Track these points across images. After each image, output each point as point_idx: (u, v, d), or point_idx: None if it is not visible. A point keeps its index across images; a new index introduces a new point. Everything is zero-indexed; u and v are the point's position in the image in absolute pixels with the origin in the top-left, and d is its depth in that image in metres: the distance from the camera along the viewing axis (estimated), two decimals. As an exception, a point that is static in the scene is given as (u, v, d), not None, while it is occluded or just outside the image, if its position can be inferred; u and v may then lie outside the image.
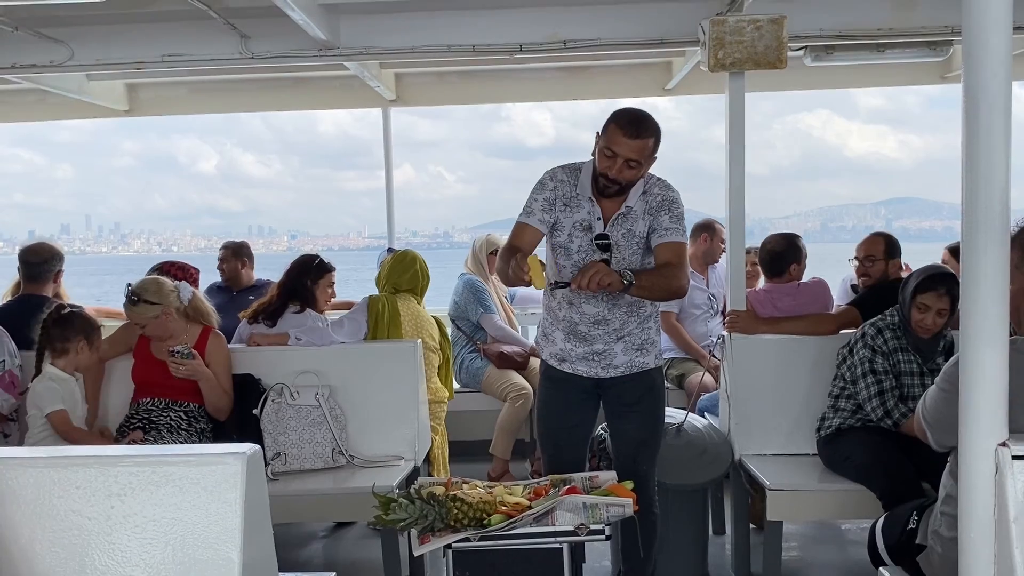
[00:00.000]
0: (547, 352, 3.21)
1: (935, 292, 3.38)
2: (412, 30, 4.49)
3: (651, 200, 3.01)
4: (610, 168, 2.90)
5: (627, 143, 2.87)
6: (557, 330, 3.15)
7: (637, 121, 2.89)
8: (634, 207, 3.00)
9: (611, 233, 3.00)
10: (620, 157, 2.88)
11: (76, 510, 1.82)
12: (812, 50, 4.75)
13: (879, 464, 3.36)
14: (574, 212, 3.01)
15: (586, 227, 3.01)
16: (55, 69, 4.61)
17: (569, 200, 3.02)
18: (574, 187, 3.02)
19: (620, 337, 3.10)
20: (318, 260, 4.35)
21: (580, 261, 3.02)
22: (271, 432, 3.82)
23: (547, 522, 2.56)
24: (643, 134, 2.88)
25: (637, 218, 3.01)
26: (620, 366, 3.12)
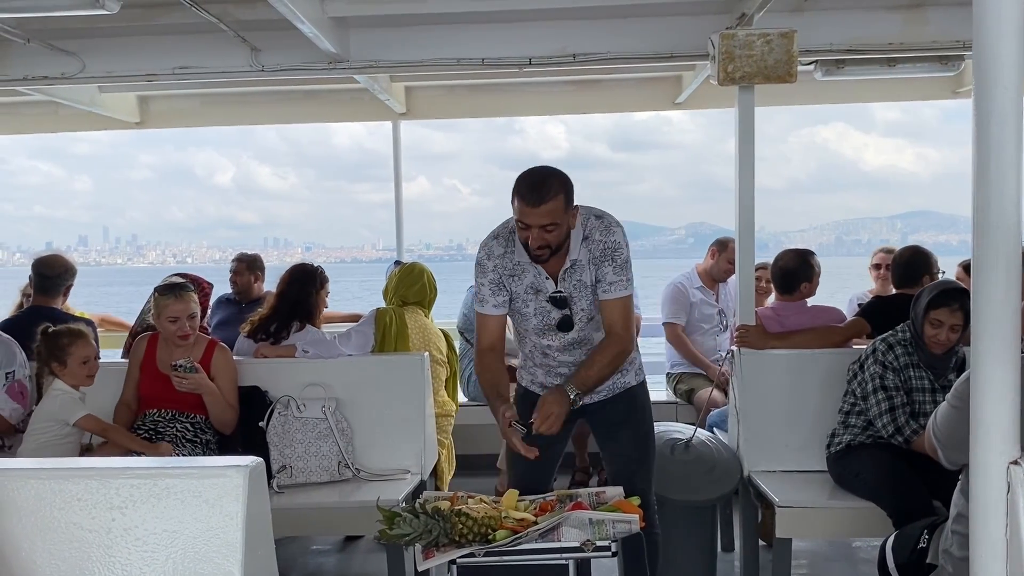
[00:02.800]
0: (527, 380, 3.18)
1: (948, 308, 3.35)
2: (422, 43, 4.51)
3: (593, 248, 2.90)
4: (528, 239, 2.80)
5: (534, 212, 2.74)
6: (536, 367, 3.13)
7: (537, 187, 2.75)
8: (579, 258, 2.90)
9: (563, 288, 2.93)
10: (533, 227, 2.77)
11: (76, 522, 1.81)
12: (822, 64, 4.74)
13: (890, 481, 3.32)
14: (522, 279, 2.95)
15: (536, 289, 2.95)
16: (67, 81, 4.65)
17: (512, 270, 2.95)
18: (512, 255, 2.94)
19: None
20: (319, 269, 4.33)
21: (540, 324, 2.98)
22: (277, 445, 3.80)
23: (553, 538, 2.53)
24: (547, 197, 2.73)
25: (584, 267, 2.91)
26: (602, 390, 3.07)
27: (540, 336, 3.02)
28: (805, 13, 4.31)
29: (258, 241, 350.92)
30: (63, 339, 3.69)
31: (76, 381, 3.68)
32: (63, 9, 3.55)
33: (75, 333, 3.73)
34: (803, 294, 4.21)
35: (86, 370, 3.69)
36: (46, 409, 3.64)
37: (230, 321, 5.09)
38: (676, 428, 4.00)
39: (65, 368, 3.66)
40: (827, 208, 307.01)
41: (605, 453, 3.23)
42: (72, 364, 3.66)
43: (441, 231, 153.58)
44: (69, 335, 3.71)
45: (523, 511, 2.68)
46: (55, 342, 3.69)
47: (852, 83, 5.57)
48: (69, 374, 3.67)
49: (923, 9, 4.38)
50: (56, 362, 3.67)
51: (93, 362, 3.73)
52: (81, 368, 3.68)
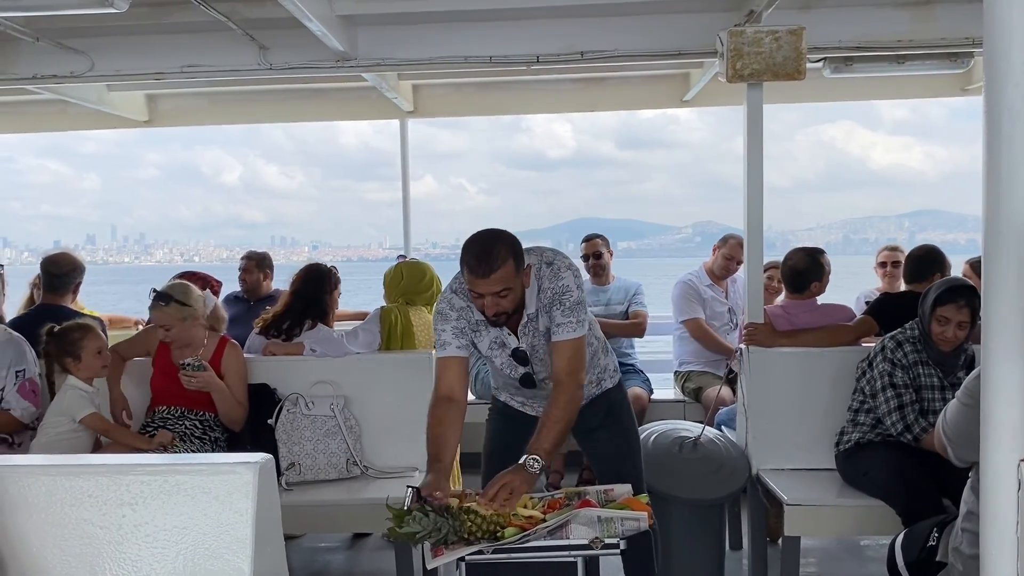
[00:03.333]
0: (505, 396, 3.20)
1: (955, 304, 3.34)
2: (429, 42, 4.51)
3: (543, 298, 2.86)
4: (484, 308, 2.76)
5: (484, 282, 2.69)
6: (512, 391, 3.15)
7: (484, 257, 2.68)
8: (534, 311, 2.88)
9: (523, 342, 2.91)
10: (486, 296, 2.72)
11: (87, 519, 1.82)
12: (831, 61, 4.72)
13: (899, 480, 3.31)
14: (484, 335, 2.93)
15: (500, 343, 2.94)
16: (75, 80, 4.66)
17: (476, 325, 2.91)
18: (473, 312, 2.88)
19: None
20: (332, 269, 4.35)
21: (508, 375, 3.01)
22: (286, 442, 3.81)
23: (561, 535, 2.53)
24: (496, 266, 2.67)
25: (539, 317, 2.89)
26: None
27: (508, 379, 3.05)
28: (813, 10, 4.29)
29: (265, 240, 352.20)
30: (74, 334, 3.72)
31: (92, 373, 3.72)
32: (72, 8, 3.56)
33: (84, 327, 3.77)
34: (813, 293, 4.20)
35: (101, 360, 3.74)
36: (58, 405, 3.68)
37: (239, 318, 5.10)
38: (684, 426, 4.00)
39: (80, 362, 3.69)
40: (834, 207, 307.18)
41: (588, 457, 3.26)
42: (87, 357, 3.70)
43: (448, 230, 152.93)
44: (79, 329, 3.75)
45: (531, 509, 2.68)
46: (66, 338, 3.72)
47: (860, 80, 5.54)
48: (85, 367, 3.70)
49: (932, 6, 4.36)
50: (70, 357, 3.69)
51: (106, 352, 3.78)
52: (96, 359, 3.72)
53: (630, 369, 5.33)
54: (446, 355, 2.89)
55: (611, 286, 5.36)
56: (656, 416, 4.84)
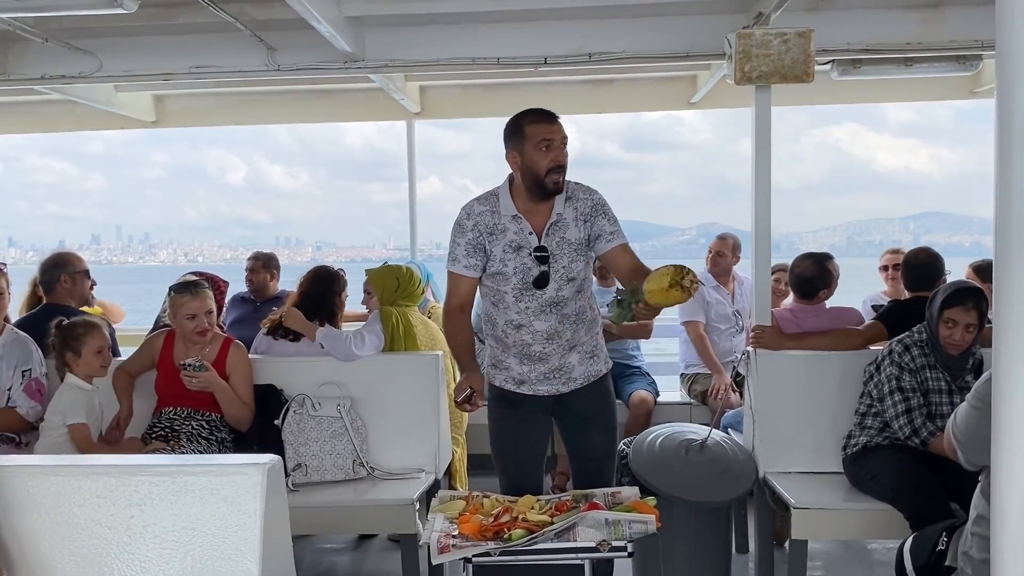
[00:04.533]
0: (501, 378, 3.15)
1: (962, 307, 3.33)
2: (437, 42, 4.51)
3: (580, 206, 3.00)
4: (559, 155, 2.91)
5: (555, 126, 2.93)
6: (509, 356, 3.10)
7: (545, 110, 2.98)
8: (564, 214, 2.98)
9: (547, 244, 2.97)
10: (556, 140, 2.90)
11: (96, 519, 1.82)
12: (839, 64, 4.72)
13: (907, 483, 3.30)
14: (501, 237, 2.98)
15: (516, 247, 2.97)
16: (84, 80, 4.67)
17: (493, 228, 2.99)
18: (494, 214, 2.99)
19: (573, 347, 3.08)
20: (340, 271, 4.35)
21: (519, 283, 2.98)
22: (292, 443, 3.81)
23: (569, 538, 2.53)
24: (556, 118, 2.97)
25: (568, 225, 2.98)
26: (579, 378, 3.11)
27: (518, 299, 2.99)
28: (822, 12, 4.28)
29: (270, 240, 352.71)
30: (78, 329, 3.73)
31: (90, 371, 3.72)
32: (81, 8, 3.57)
33: (89, 324, 3.78)
34: (821, 299, 4.19)
35: (100, 360, 3.73)
36: (55, 404, 3.68)
37: (245, 319, 5.11)
38: (691, 429, 3.99)
39: (79, 358, 3.69)
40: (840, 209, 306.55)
41: (573, 446, 3.24)
42: (87, 354, 3.69)
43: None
44: (84, 325, 3.76)
45: (539, 512, 2.68)
46: (70, 332, 3.72)
47: (868, 83, 5.54)
48: (84, 364, 3.70)
49: (941, 9, 4.35)
50: (71, 352, 3.70)
51: (107, 352, 3.78)
52: (96, 358, 3.71)
53: (636, 371, 5.32)
54: (455, 271, 3.04)
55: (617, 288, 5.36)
56: (662, 418, 4.83)
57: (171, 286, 3.98)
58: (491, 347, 3.18)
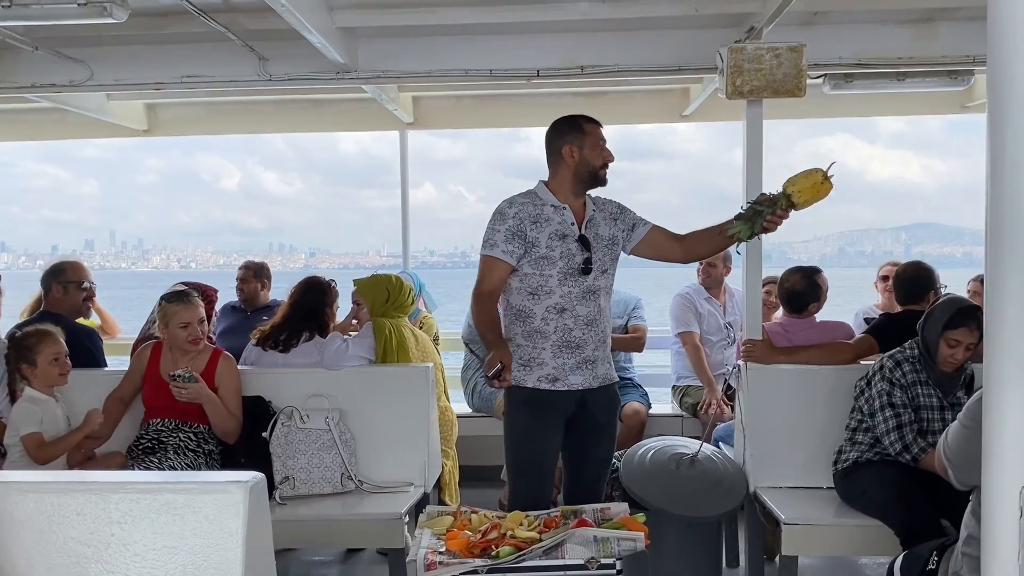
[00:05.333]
0: (535, 377, 3.17)
1: (967, 328, 3.31)
2: (430, 54, 4.50)
3: (606, 207, 3.31)
4: (607, 155, 3.23)
5: (601, 130, 3.28)
6: (544, 350, 3.16)
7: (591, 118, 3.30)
8: (595, 214, 3.26)
9: (587, 235, 3.19)
10: (602, 141, 3.25)
11: (75, 537, 1.79)
12: (831, 78, 4.72)
13: (898, 500, 3.29)
14: (545, 225, 3.16)
15: (561, 235, 3.15)
16: (75, 89, 4.65)
17: (536, 218, 3.16)
18: (536, 205, 3.19)
19: (604, 341, 3.25)
20: (332, 282, 4.33)
21: (564, 267, 3.13)
22: (280, 456, 3.78)
23: (557, 555, 2.51)
24: None
25: (599, 223, 3.25)
26: (600, 376, 3.24)
27: (562, 283, 3.13)
28: (814, 27, 4.29)
29: (263, 246, 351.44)
30: (30, 339, 3.64)
31: (48, 381, 3.64)
32: (71, 18, 3.55)
33: (42, 332, 3.68)
34: (811, 313, 4.18)
35: (57, 368, 3.64)
36: (12, 419, 3.59)
37: (236, 329, 5.07)
38: (682, 442, 3.98)
39: (35, 369, 3.61)
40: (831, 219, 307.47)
41: (580, 455, 3.28)
42: (42, 363, 3.61)
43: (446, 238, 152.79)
44: (37, 334, 3.66)
45: (528, 528, 2.66)
46: (22, 343, 3.64)
47: (860, 97, 5.54)
48: (40, 375, 3.62)
49: (933, 24, 4.36)
50: (25, 363, 3.61)
51: (64, 360, 3.67)
52: (51, 367, 3.63)
53: (629, 383, 5.30)
54: (492, 255, 3.14)
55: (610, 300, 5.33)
56: (654, 430, 4.81)
57: (162, 296, 3.95)
58: (521, 347, 3.19)
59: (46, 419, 3.60)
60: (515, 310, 3.19)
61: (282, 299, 4.57)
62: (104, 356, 4.40)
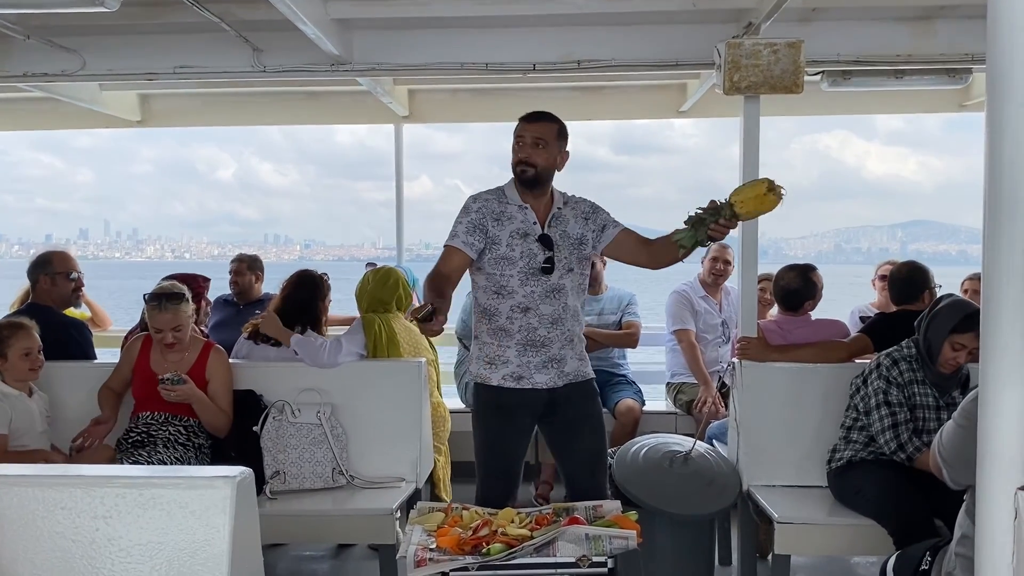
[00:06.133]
0: (499, 375, 3.16)
1: (974, 333, 3.28)
2: (425, 47, 4.47)
3: (579, 207, 3.24)
4: (519, 151, 3.13)
5: (528, 127, 3.13)
6: (509, 348, 3.15)
7: (536, 112, 3.18)
8: (563, 211, 3.21)
9: (550, 233, 3.15)
10: (526, 138, 3.12)
11: (60, 532, 1.77)
12: (829, 75, 4.69)
13: (892, 499, 3.27)
14: (507, 224, 3.15)
15: (523, 234, 3.14)
16: (67, 79, 4.61)
17: (499, 215, 3.16)
18: (500, 202, 3.18)
19: (570, 340, 3.19)
20: (324, 276, 4.30)
21: (525, 267, 3.12)
22: (271, 450, 3.76)
23: (548, 553, 2.49)
24: (542, 119, 3.15)
25: (568, 220, 3.20)
26: (569, 373, 3.20)
27: (523, 283, 3.11)
28: (812, 23, 4.27)
29: (258, 237, 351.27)
30: (2, 331, 3.58)
31: (19, 375, 3.58)
32: (63, 6, 3.52)
33: (15, 325, 3.62)
34: (807, 310, 4.16)
35: (28, 363, 3.58)
36: None
37: (228, 322, 5.04)
38: (675, 440, 3.96)
39: (6, 362, 3.56)
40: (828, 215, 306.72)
41: (565, 452, 3.26)
42: (12, 357, 3.55)
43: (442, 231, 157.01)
44: (8, 327, 3.60)
45: (519, 526, 2.64)
46: None
47: (857, 94, 5.53)
48: (10, 368, 3.56)
49: (932, 21, 4.34)
50: None
51: (36, 355, 3.61)
52: (22, 361, 3.57)
53: (622, 380, 5.28)
54: (452, 245, 3.12)
55: (604, 296, 5.31)
56: (648, 428, 4.80)
57: (144, 294, 3.90)
58: (486, 344, 3.19)
59: (16, 416, 3.54)
60: (481, 308, 3.20)
61: (275, 292, 4.55)
62: (94, 349, 4.36)
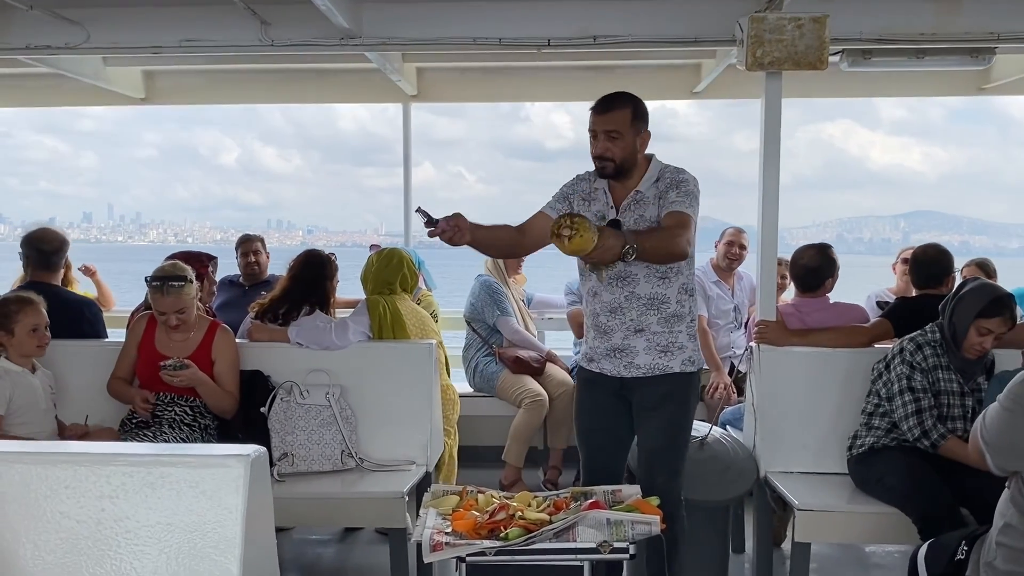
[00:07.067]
0: (581, 354, 3.25)
1: (1001, 317, 3.22)
2: (437, 21, 4.35)
3: (661, 185, 3.06)
4: (594, 147, 3.02)
5: (599, 119, 3.00)
6: (590, 328, 3.18)
7: (605, 99, 3.02)
8: (645, 192, 3.05)
9: (623, 219, 3.04)
10: (598, 132, 3.00)
11: (64, 511, 1.68)
12: (849, 54, 4.58)
13: (916, 487, 3.19)
14: (592, 204, 3.11)
15: (601, 217, 3.07)
16: (70, 51, 4.49)
17: (587, 195, 3.13)
18: (592, 183, 3.14)
19: (638, 330, 3.05)
20: (332, 256, 4.21)
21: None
22: (279, 432, 3.68)
23: (568, 538, 2.41)
24: (612, 107, 2.99)
25: (648, 203, 3.05)
26: (642, 366, 3.06)
27: (594, 267, 3.03)
28: (835, 0, 4.15)
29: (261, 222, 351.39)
30: (10, 306, 3.49)
31: (26, 351, 3.50)
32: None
33: (23, 300, 3.53)
34: (826, 290, 4.07)
35: (35, 339, 3.50)
36: None
37: (233, 303, 4.96)
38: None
39: (13, 338, 3.47)
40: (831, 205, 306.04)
41: (637, 438, 3.18)
42: (20, 333, 3.47)
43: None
44: (17, 302, 3.52)
45: (537, 509, 2.56)
46: (2, 309, 3.49)
47: (875, 75, 5.43)
48: (17, 344, 3.48)
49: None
50: (3, 331, 3.47)
51: (43, 331, 3.53)
52: (30, 337, 3.49)
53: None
54: (541, 209, 3.14)
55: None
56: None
57: (146, 277, 3.80)
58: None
59: (17, 393, 3.45)
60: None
61: (280, 274, 4.46)
62: (105, 327, 4.26)
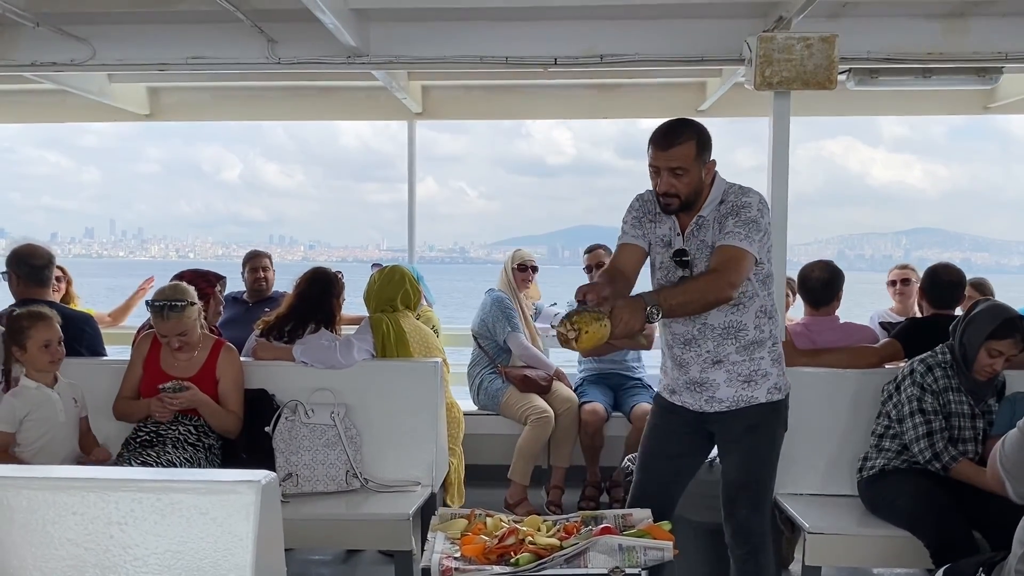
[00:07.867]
0: (661, 384, 3.11)
1: (1012, 339, 3.19)
2: (444, 40, 4.36)
3: (724, 208, 2.84)
4: (657, 185, 2.83)
5: (662, 155, 2.79)
6: (667, 359, 3.05)
7: (667, 131, 2.82)
8: (707, 216, 2.86)
9: (688, 247, 2.88)
10: (661, 170, 2.80)
11: (71, 538, 1.65)
12: (856, 73, 4.58)
13: (928, 511, 3.15)
14: (658, 227, 2.95)
15: (667, 242, 2.94)
16: (76, 68, 4.50)
17: (655, 216, 2.95)
18: (656, 203, 2.93)
19: (717, 362, 2.90)
20: (339, 274, 4.19)
21: (663, 278, 2.94)
22: (283, 451, 3.65)
23: (579, 563, 2.38)
24: (675, 141, 2.78)
25: (709, 227, 2.86)
26: (725, 400, 2.92)
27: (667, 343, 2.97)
28: (843, 19, 4.16)
29: (263, 238, 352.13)
30: (23, 321, 3.49)
31: (39, 366, 3.49)
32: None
33: (36, 315, 3.52)
34: (834, 307, 4.05)
35: (47, 355, 3.48)
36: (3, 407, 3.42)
37: (237, 320, 4.93)
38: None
39: (25, 353, 3.46)
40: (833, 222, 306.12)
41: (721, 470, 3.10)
42: (32, 348, 3.45)
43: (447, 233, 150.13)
44: (29, 317, 3.51)
45: (547, 534, 2.53)
46: (14, 325, 3.49)
47: (882, 94, 5.43)
48: (29, 360, 3.47)
49: (964, 19, 4.24)
50: (16, 346, 3.47)
51: (56, 347, 3.51)
52: (42, 353, 3.47)
53: (638, 383, 5.17)
54: (622, 241, 2.97)
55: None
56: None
57: (145, 300, 3.77)
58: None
59: (36, 408, 3.44)
60: None
61: (286, 291, 4.43)
62: (103, 344, 4.24)
